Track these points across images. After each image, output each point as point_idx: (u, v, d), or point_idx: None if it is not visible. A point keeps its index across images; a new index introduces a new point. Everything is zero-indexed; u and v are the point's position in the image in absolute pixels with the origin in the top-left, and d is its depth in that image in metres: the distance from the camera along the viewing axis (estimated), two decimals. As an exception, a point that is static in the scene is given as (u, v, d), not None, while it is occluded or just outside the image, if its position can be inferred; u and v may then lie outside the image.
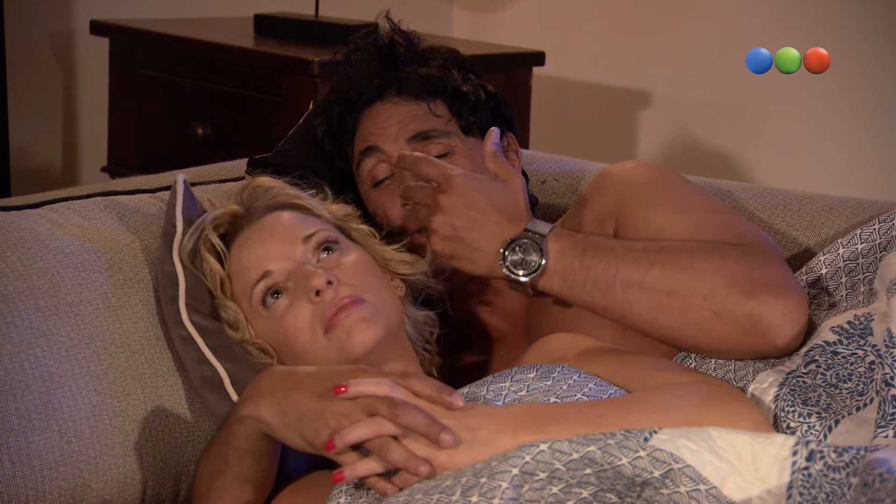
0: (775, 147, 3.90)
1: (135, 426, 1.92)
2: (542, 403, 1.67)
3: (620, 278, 1.80)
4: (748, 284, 1.76)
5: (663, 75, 4.07)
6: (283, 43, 3.50)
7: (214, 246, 1.94)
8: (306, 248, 1.90)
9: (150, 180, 2.25)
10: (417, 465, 1.59)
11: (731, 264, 1.78)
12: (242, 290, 1.91)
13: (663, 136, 4.11)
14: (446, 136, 2.11)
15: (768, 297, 1.75)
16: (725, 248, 1.80)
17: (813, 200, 2.19)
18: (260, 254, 1.90)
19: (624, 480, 1.51)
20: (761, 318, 1.75)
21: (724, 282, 1.76)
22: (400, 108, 2.13)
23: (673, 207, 1.93)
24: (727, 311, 1.74)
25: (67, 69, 4.07)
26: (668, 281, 1.76)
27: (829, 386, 1.75)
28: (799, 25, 3.74)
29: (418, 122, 2.11)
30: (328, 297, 1.84)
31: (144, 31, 3.64)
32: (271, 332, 1.89)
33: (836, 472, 1.49)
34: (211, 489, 1.77)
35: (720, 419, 1.65)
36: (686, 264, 1.77)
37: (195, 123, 3.51)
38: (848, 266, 1.91)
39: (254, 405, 1.70)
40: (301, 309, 1.86)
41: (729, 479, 1.52)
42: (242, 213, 1.96)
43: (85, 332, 1.93)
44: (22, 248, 1.96)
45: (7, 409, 1.84)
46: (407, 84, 2.14)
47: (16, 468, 1.83)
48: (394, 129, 2.11)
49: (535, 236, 1.86)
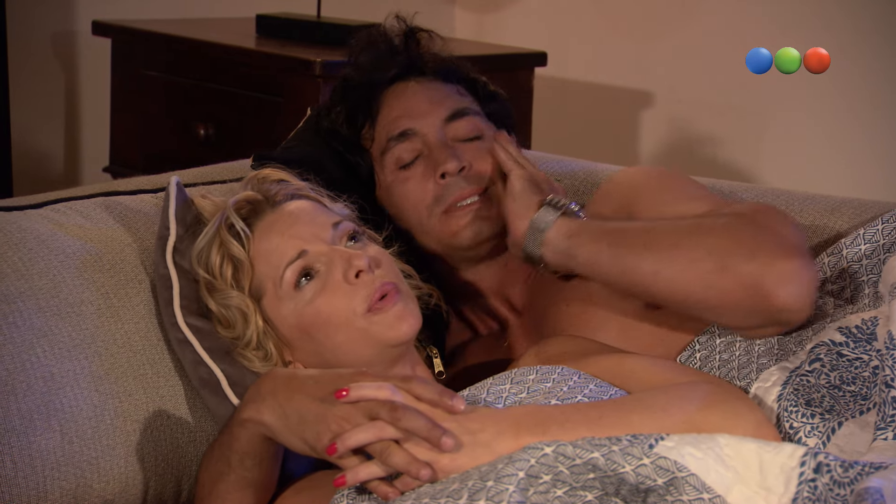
0: (777, 147, 3.90)
1: (137, 426, 1.92)
2: (544, 405, 1.67)
3: (631, 229, 1.81)
4: (752, 243, 1.76)
5: (665, 76, 4.07)
6: (284, 43, 3.50)
7: (236, 229, 1.90)
8: (336, 234, 1.88)
9: (151, 180, 2.25)
10: (419, 468, 1.59)
11: (738, 226, 1.78)
12: (270, 273, 1.88)
13: (665, 137, 4.11)
14: (478, 117, 2.11)
15: (771, 258, 1.75)
16: (733, 216, 1.81)
17: (815, 201, 2.19)
18: (293, 233, 1.88)
19: (628, 486, 1.51)
20: (763, 276, 1.74)
21: (729, 240, 1.76)
22: (427, 87, 2.11)
23: (686, 200, 1.94)
24: (731, 267, 1.74)
25: (69, 69, 4.07)
26: (674, 235, 1.77)
27: (832, 388, 1.75)
28: (799, 25, 3.74)
29: (451, 101, 2.10)
30: (367, 279, 1.82)
31: (146, 31, 3.64)
32: (298, 315, 1.86)
33: (840, 488, 1.49)
34: (213, 492, 1.77)
35: (721, 419, 1.65)
36: (693, 224, 1.79)
37: (197, 124, 3.51)
38: (852, 267, 1.91)
39: (255, 408, 1.70)
40: (338, 289, 1.83)
41: (734, 488, 1.52)
42: (262, 199, 1.93)
43: (86, 333, 1.93)
44: (23, 249, 1.96)
45: (9, 409, 1.84)
46: (429, 65, 2.13)
47: (17, 468, 1.83)
48: (425, 106, 2.09)
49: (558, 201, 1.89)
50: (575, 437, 1.59)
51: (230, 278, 1.90)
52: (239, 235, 1.90)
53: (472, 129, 2.09)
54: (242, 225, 1.90)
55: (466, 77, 2.15)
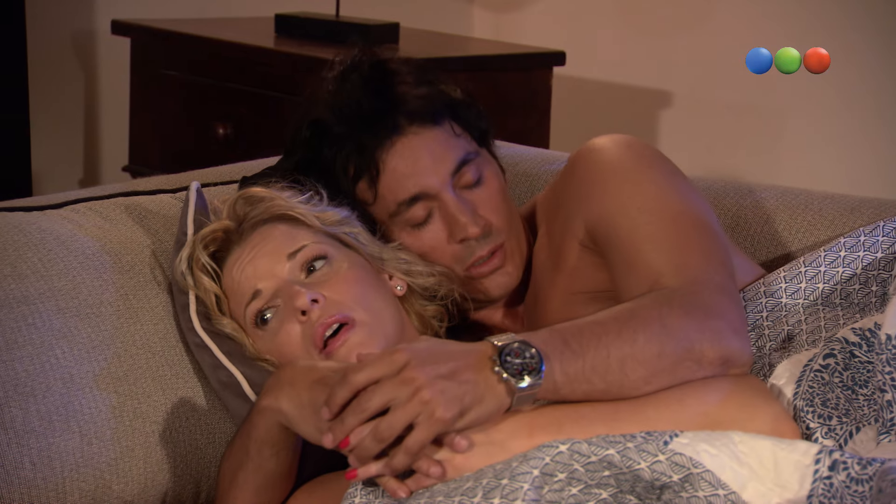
0: (796, 147, 3.89)
1: (155, 428, 1.93)
2: (556, 405, 1.67)
3: (614, 356, 1.68)
4: (712, 328, 1.72)
5: (684, 75, 4.06)
6: (303, 43, 3.50)
7: (205, 265, 1.92)
8: (293, 265, 1.87)
9: (170, 180, 2.25)
10: (429, 466, 1.59)
11: (693, 311, 1.73)
12: (237, 310, 1.91)
13: (684, 136, 4.10)
14: (477, 157, 2.03)
15: (731, 336, 1.72)
16: (681, 295, 1.74)
17: (834, 200, 2.18)
18: (249, 272, 1.89)
19: (643, 483, 1.51)
20: (731, 356, 1.72)
21: (695, 332, 1.72)
22: (425, 139, 2.00)
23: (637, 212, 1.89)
24: (704, 358, 1.71)
25: (89, 69, 4.09)
26: (655, 345, 1.71)
27: (846, 388, 1.74)
28: (821, 25, 3.73)
29: (451, 151, 2.00)
30: (315, 316, 1.82)
31: (165, 30, 3.65)
32: (269, 350, 1.88)
33: (859, 485, 1.49)
34: (233, 481, 1.78)
35: (738, 411, 1.64)
36: (660, 324, 1.72)
37: (216, 123, 3.51)
38: (866, 273, 1.90)
39: (274, 397, 1.71)
40: (291, 328, 1.85)
41: (749, 485, 1.52)
42: (234, 228, 1.93)
43: (105, 334, 1.94)
44: (43, 249, 1.97)
45: (28, 410, 1.84)
46: (417, 109, 1.99)
47: (37, 470, 1.83)
48: (429, 162, 1.99)
49: (511, 340, 1.64)
50: (590, 433, 1.59)
51: (216, 308, 1.92)
52: (209, 272, 1.92)
53: (475, 172, 2.02)
54: (208, 261, 1.91)
55: (448, 103, 2.04)
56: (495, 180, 2.04)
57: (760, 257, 2.13)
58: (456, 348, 1.65)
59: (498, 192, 2.03)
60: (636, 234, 1.84)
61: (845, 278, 1.90)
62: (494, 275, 2.02)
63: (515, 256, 2.03)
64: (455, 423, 1.59)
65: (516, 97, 3.53)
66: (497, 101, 3.49)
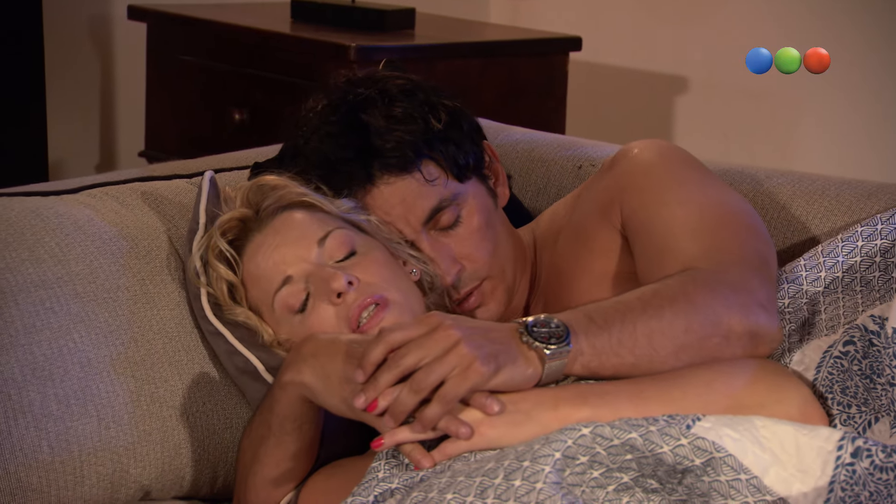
0: (813, 132, 3.89)
1: (172, 412, 1.93)
2: (581, 383, 1.67)
3: (641, 330, 1.69)
4: (739, 303, 1.72)
5: (700, 61, 4.05)
6: (319, 28, 3.50)
7: (224, 253, 1.90)
8: (322, 250, 1.87)
9: (187, 165, 2.26)
10: (458, 426, 1.60)
11: (718, 287, 1.74)
12: (262, 298, 1.89)
13: (700, 122, 4.09)
14: (452, 200, 1.98)
15: (758, 310, 1.73)
16: (708, 273, 1.75)
17: (851, 186, 2.18)
18: (277, 258, 1.87)
19: (665, 467, 1.51)
20: (758, 330, 1.73)
21: (721, 307, 1.72)
22: (397, 188, 1.96)
23: (676, 204, 1.90)
24: (732, 332, 1.72)
25: (105, 54, 4.09)
26: (681, 319, 1.72)
27: (864, 377, 1.74)
28: (836, 16, 3.72)
29: (422, 200, 1.97)
30: (350, 298, 1.82)
31: (182, 16, 3.65)
32: (295, 336, 1.86)
33: (883, 473, 1.48)
34: (255, 457, 1.78)
35: (766, 395, 1.64)
36: (686, 300, 1.73)
37: (232, 108, 3.51)
38: (885, 261, 1.90)
39: (296, 370, 1.71)
40: (324, 311, 1.84)
41: (771, 470, 1.51)
42: (251, 216, 1.92)
43: (123, 319, 1.94)
44: (61, 234, 1.97)
45: (46, 394, 1.85)
46: (389, 159, 1.95)
47: (55, 453, 1.84)
48: (401, 210, 1.97)
49: (535, 316, 1.67)
50: (615, 409, 1.60)
51: (228, 297, 1.91)
52: (227, 260, 1.90)
53: (452, 214, 1.97)
54: (229, 249, 1.90)
55: (426, 141, 1.98)
56: (475, 217, 2.00)
57: (777, 244, 2.13)
58: (483, 322, 1.68)
59: (476, 231, 2.00)
60: (674, 223, 1.85)
61: (864, 267, 1.90)
62: (475, 310, 2.02)
63: (497, 292, 2.01)
64: (490, 381, 1.60)
65: (533, 83, 3.53)
66: (513, 87, 3.49)
